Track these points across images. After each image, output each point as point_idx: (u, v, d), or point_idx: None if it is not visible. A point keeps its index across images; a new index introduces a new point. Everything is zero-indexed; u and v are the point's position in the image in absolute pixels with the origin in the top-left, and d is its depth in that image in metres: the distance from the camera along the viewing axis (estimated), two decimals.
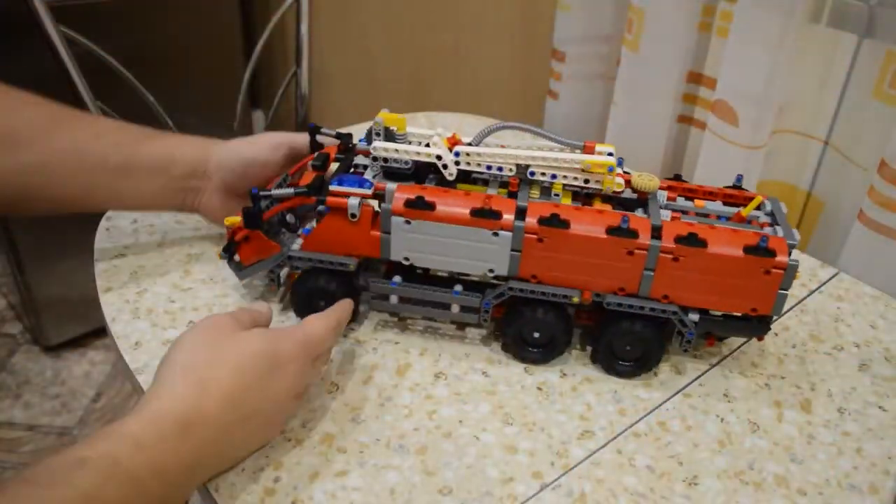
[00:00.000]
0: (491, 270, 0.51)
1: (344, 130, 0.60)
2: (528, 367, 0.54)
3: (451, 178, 0.52)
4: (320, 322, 0.47)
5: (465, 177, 0.53)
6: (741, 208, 0.53)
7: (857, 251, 0.68)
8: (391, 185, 0.50)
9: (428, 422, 0.48)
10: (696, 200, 0.54)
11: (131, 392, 1.34)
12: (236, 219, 0.54)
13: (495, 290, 0.52)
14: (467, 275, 0.53)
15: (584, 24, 0.91)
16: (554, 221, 0.48)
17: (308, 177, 0.54)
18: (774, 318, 0.51)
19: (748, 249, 0.48)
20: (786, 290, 0.49)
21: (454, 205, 0.49)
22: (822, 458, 0.48)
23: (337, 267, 0.52)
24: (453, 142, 0.53)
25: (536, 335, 0.52)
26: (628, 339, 0.51)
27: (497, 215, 0.49)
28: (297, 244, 0.53)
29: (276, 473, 0.44)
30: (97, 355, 1.53)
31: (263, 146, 0.60)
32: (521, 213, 0.49)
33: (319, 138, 0.60)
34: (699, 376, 0.54)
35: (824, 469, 0.47)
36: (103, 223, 0.67)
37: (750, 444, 0.48)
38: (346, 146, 0.58)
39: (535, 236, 0.49)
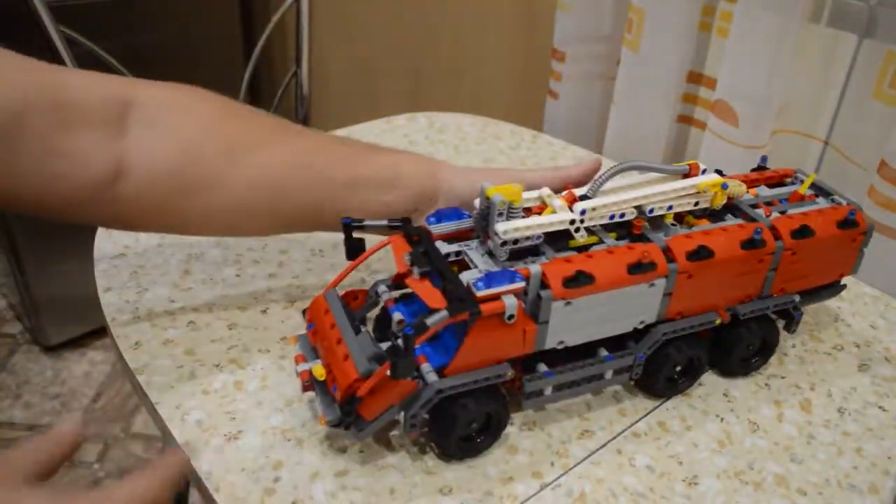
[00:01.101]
0: (642, 322, 0.47)
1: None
2: None
3: (582, 240, 0.47)
4: (131, 483, 0.37)
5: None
6: (792, 187, 0.55)
7: None
8: (535, 268, 0.43)
9: None
10: (749, 189, 0.55)
11: (131, 392, 1.34)
12: (321, 369, 0.44)
13: (645, 339, 0.48)
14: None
15: (584, 24, 0.91)
16: (702, 254, 0.47)
17: (424, 287, 0.44)
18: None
19: (841, 224, 0.51)
20: (864, 249, 0.54)
21: (609, 268, 0.44)
22: (822, 458, 0.48)
23: (493, 381, 0.44)
24: (570, 199, 0.48)
25: (679, 367, 0.50)
26: (756, 337, 0.52)
27: (653, 266, 0.45)
28: (429, 371, 0.43)
29: (276, 473, 0.44)
30: (97, 355, 1.53)
31: (498, 179, 0.49)
32: (668, 255, 0.46)
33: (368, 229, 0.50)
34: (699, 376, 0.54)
35: (824, 469, 0.47)
36: None
37: (750, 444, 0.48)
38: (413, 235, 0.47)
39: (685, 274, 0.47)
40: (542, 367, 0.46)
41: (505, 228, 0.44)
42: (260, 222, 0.52)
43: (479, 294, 0.41)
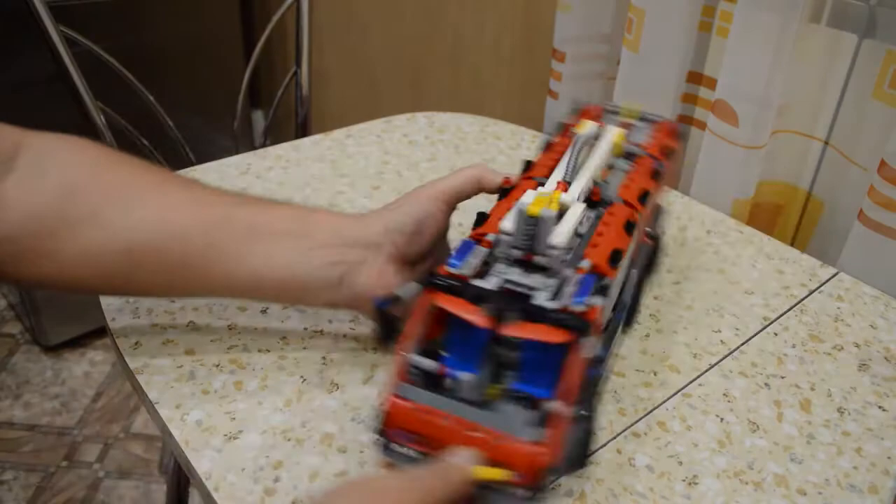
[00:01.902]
0: None
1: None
2: None
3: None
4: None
5: None
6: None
7: (857, 251, 0.68)
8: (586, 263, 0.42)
9: None
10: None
11: (131, 392, 1.34)
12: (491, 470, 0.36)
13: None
14: None
15: (584, 24, 0.91)
16: (645, 196, 0.49)
17: (528, 329, 0.38)
18: None
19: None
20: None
21: (616, 238, 0.45)
22: (822, 458, 0.48)
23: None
24: (563, 187, 0.46)
25: None
26: None
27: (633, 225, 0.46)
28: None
29: (276, 473, 0.44)
30: (97, 355, 1.53)
31: (423, 201, 0.49)
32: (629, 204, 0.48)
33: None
34: (699, 376, 0.54)
35: (824, 469, 0.47)
36: None
37: (750, 444, 0.48)
38: (454, 285, 0.40)
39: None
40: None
41: (560, 239, 0.41)
42: (147, 272, 0.46)
43: (580, 310, 0.38)
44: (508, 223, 0.42)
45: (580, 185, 0.46)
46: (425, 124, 0.89)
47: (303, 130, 1.03)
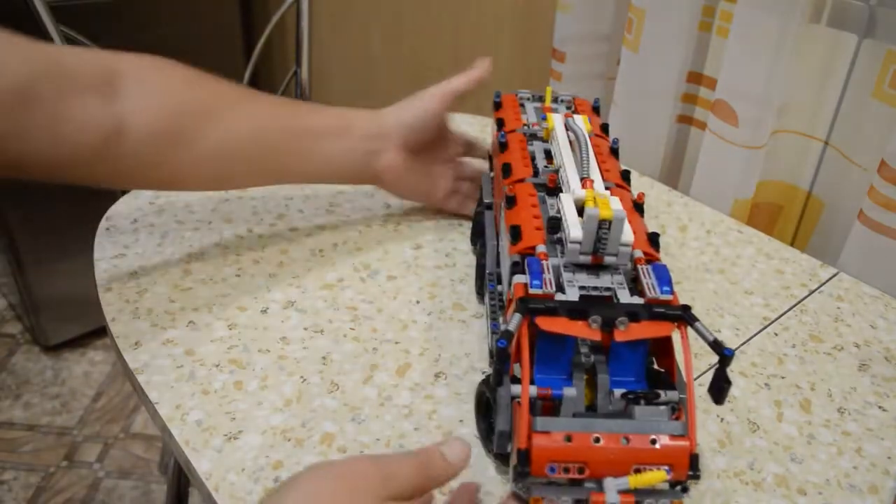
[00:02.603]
0: None
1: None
2: None
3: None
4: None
5: None
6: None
7: (857, 251, 0.68)
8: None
9: (428, 422, 0.48)
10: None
11: (131, 392, 1.34)
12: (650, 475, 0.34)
13: None
14: None
15: (584, 24, 0.91)
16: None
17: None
18: None
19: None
20: None
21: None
22: (822, 458, 0.48)
23: None
24: (589, 183, 0.46)
25: None
26: None
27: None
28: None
29: (276, 473, 0.44)
30: (97, 355, 1.53)
31: (428, 101, 0.63)
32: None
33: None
34: (699, 376, 0.54)
35: (824, 469, 0.47)
36: (103, 223, 0.67)
37: (750, 444, 0.48)
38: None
39: None
40: None
41: (629, 236, 0.41)
42: (242, 171, 0.59)
43: (669, 298, 0.39)
44: (577, 231, 0.41)
45: (599, 179, 0.47)
46: None
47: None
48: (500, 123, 0.60)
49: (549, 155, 0.54)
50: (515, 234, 0.45)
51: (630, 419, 0.37)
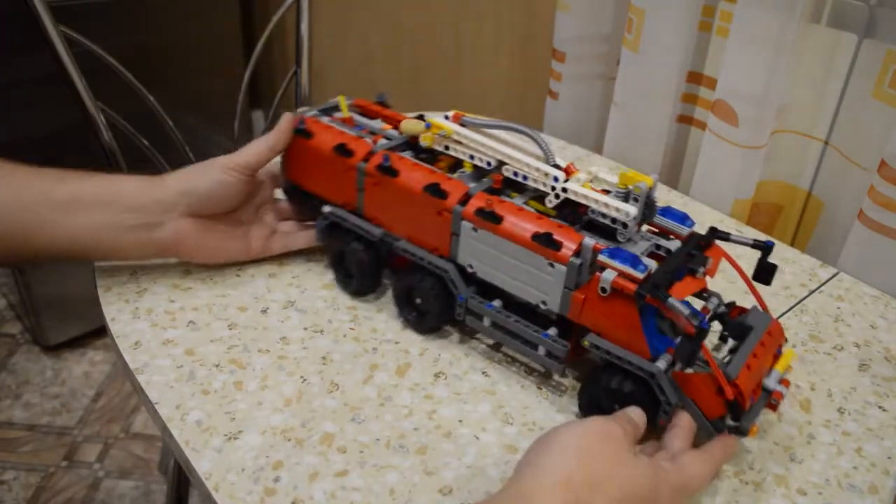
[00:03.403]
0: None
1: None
2: (528, 366, 0.54)
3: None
4: (702, 467, 0.42)
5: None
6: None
7: (857, 251, 0.68)
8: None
9: (428, 422, 0.48)
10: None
11: (131, 392, 1.34)
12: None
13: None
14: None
15: (584, 24, 0.91)
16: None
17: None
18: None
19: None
20: None
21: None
22: (822, 458, 0.48)
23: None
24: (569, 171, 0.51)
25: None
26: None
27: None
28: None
29: (276, 473, 0.44)
30: (97, 355, 1.53)
31: (213, 170, 0.57)
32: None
33: None
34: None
35: (824, 469, 0.47)
36: None
37: (750, 444, 0.48)
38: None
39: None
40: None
41: (632, 211, 0.48)
42: None
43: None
44: (631, 207, 0.47)
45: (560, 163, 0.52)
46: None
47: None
48: (342, 149, 0.56)
49: (432, 156, 0.57)
50: (549, 240, 0.47)
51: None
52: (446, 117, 0.55)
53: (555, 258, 0.47)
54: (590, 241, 0.47)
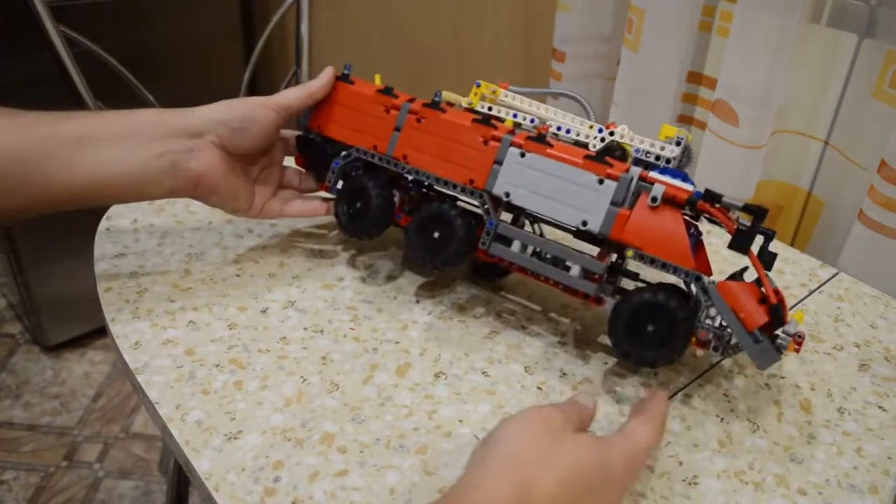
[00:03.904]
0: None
1: None
2: (528, 366, 0.54)
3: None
4: (645, 427, 0.43)
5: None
6: None
7: (857, 251, 0.68)
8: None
9: (428, 422, 0.48)
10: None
11: (131, 392, 1.34)
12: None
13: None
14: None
15: (584, 24, 0.91)
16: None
17: None
18: None
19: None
20: None
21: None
22: (822, 458, 0.48)
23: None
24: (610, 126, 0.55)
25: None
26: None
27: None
28: None
29: (276, 473, 0.44)
30: (97, 355, 1.53)
31: (252, 104, 0.56)
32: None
33: None
34: (699, 376, 0.54)
35: (824, 469, 0.47)
36: (103, 223, 0.67)
37: (750, 444, 0.48)
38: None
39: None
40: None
41: (677, 149, 0.52)
42: None
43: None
44: (673, 149, 0.51)
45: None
46: None
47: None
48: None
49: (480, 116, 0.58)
50: (601, 159, 0.50)
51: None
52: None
53: (606, 174, 0.49)
54: (636, 167, 0.49)
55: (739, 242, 0.48)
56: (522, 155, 0.52)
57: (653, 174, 0.49)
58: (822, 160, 0.78)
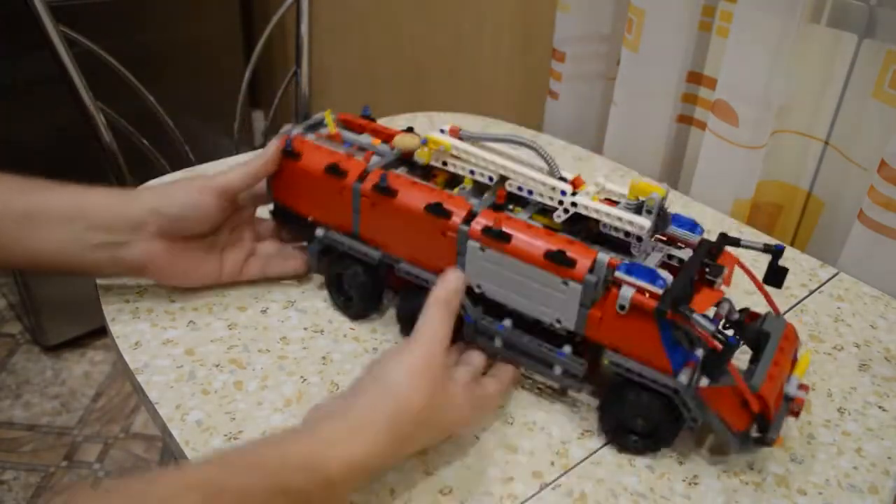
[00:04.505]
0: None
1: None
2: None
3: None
4: (496, 387, 0.49)
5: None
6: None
7: (857, 251, 0.68)
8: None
9: None
10: None
11: (131, 392, 1.34)
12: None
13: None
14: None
15: (584, 24, 0.91)
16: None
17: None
18: None
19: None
20: None
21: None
22: (822, 458, 0.48)
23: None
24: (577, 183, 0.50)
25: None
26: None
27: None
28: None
29: None
30: (97, 355, 1.53)
31: (192, 191, 0.54)
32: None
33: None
34: None
35: (824, 469, 0.47)
36: None
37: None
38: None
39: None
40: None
41: (646, 224, 0.47)
42: None
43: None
44: (645, 220, 0.46)
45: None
46: (426, 124, 0.89)
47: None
48: (334, 170, 0.54)
49: (427, 173, 0.55)
50: (563, 258, 0.45)
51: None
52: (442, 131, 0.53)
53: (569, 276, 0.45)
54: (604, 256, 0.45)
55: (774, 280, 0.50)
56: (482, 249, 0.48)
57: (619, 273, 0.44)
58: (822, 160, 0.78)
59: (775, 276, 0.50)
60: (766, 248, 0.48)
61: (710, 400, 0.44)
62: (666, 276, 0.44)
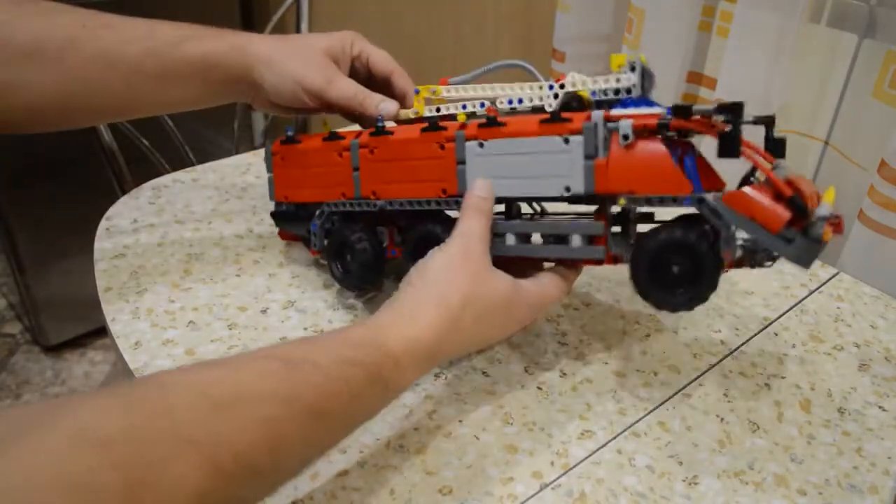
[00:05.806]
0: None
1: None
2: (528, 366, 0.54)
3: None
4: (558, 288, 0.49)
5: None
6: None
7: (857, 251, 0.68)
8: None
9: (428, 422, 0.48)
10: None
11: None
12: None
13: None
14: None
15: (584, 24, 0.91)
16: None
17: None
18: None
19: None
20: None
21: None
22: (822, 458, 0.48)
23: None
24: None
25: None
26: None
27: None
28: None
29: None
30: (97, 355, 1.53)
31: (318, 73, 0.56)
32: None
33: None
34: (699, 376, 0.54)
35: (824, 469, 0.47)
36: (103, 223, 0.67)
37: (750, 444, 0.48)
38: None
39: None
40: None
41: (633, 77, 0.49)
42: (74, 118, 0.57)
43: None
44: (632, 76, 0.48)
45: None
46: None
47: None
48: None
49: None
50: (557, 118, 0.47)
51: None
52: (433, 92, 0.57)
53: (568, 131, 0.46)
54: (598, 111, 0.45)
55: (726, 147, 0.44)
56: (481, 145, 0.49)
57: (615, 111, 0.45)
58: (822, 160, 0.78)
59: (776, 147, 0.48)
60: (758, 120, 0.46)
61: (739, 204, 0.42)
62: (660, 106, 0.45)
